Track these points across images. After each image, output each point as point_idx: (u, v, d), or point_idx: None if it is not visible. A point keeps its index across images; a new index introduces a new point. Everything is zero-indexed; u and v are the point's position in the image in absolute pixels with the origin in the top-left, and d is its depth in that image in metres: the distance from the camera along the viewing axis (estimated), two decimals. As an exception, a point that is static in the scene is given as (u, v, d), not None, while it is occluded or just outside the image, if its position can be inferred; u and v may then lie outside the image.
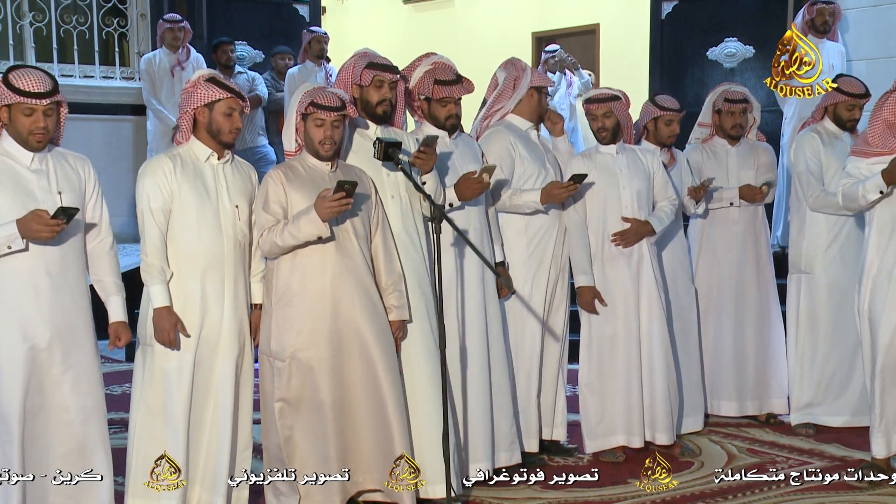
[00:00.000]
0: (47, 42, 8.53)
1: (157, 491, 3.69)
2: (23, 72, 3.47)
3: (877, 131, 4.23)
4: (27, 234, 3.38)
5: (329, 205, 3.61)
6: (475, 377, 4.27)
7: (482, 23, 12.35)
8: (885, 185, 4.14)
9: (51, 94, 3.46)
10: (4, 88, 3.43)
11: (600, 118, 4.71)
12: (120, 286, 3.74)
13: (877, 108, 4.28)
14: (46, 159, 3.55)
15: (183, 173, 3.74)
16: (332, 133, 3.81)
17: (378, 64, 4.08)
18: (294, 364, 3.82)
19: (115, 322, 3.72)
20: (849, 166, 4.36)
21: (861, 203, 4.26)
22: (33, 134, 3.46)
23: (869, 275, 4.27)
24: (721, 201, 5.30)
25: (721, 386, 5.36)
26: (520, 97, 4.60)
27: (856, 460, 4.56)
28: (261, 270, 3.94)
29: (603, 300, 4.66)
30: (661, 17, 8.71)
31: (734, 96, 5.27)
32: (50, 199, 3.50)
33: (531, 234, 4.55)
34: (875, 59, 7.51)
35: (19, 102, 3.42)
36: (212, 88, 3.74)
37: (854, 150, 4.37)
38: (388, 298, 3.95)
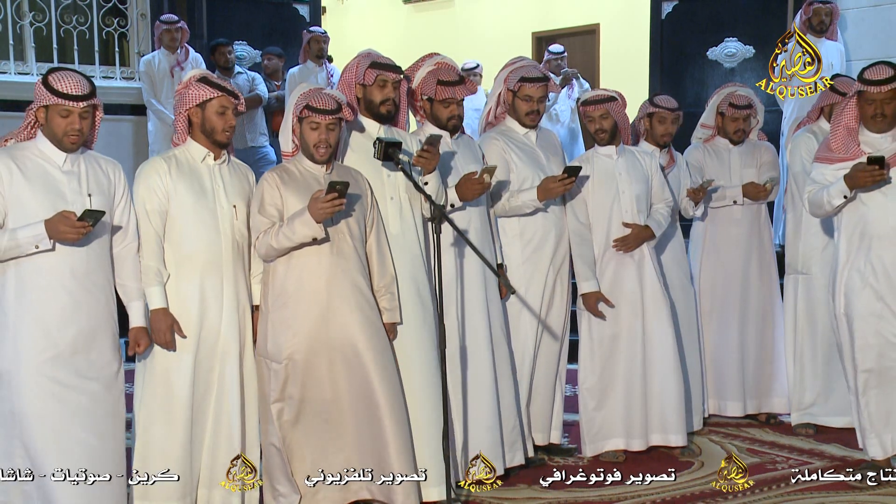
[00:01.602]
0: (47, 42, 8.53)
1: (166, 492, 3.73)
2: (62, 74, 3.50)
3: (839, 137, 4.26)
4: (54, 235, 3.40)
5: (321, 206, 3.61)
6: (480, 378, 4.26)
7: (482, 23, 12.35)
8: (848, 191, 4.18)
9: (88, 97, 3.50)
10: (44, 90, 3.47)
11: (597, 119, 4.71)
12: (142, 291, 3.74)
13: (837, 114, 4.32)
14: (79, 161, 3.58)
15: (179, 174, 3.75)
16: (326, 136, 3.81)
17: (382, 63, 4.08)
18: (290, 365, 3.82)
19: (136, 327, 3.72)
20: (814, 173, 4.40)
21: (827, 209, 4.30)
22: (68, 135, 3.49)
23: (841, 279, 4.30)
24: (724, 200, 5.29)
25: (726, 386, 5.36)
26: (500, 102, 4.60)
27: (856, 460, 4.56)
28: (260, 272, 3.94)
29: (609, 302, 4.65)
30: (661, 17, 8.71)
31: (739, 101, 5.25)
32: (80, 200, 3.52)
33: (528, 237, 4.54)
34: (875, 59, 7.48)
35: (57, 104, 3.46)
36: (203, 88, 3.75)
37: (818, 157, 4.41)
38: (379, 301, 3.95)
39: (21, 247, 3.42)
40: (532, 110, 4.52)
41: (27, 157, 3.51)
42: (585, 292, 4.66)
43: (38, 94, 3.49)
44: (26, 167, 3.49)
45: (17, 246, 3.41)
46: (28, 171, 3.49)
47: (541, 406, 4.67)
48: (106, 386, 3.60)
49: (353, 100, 4.11)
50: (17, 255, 3.44)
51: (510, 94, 4.56)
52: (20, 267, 3.47)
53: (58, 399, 3.49)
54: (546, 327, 4.60)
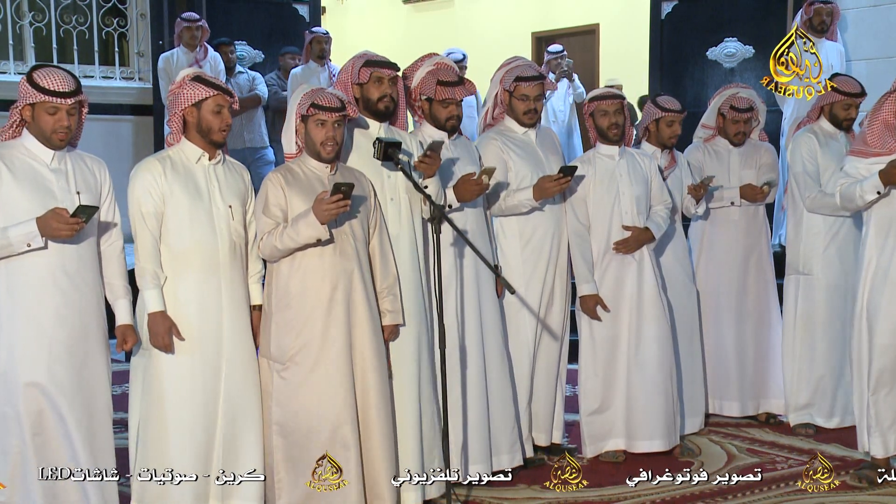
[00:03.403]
0: (47, 42, 8.54)
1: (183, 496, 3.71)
2: (47, 71, 3.49)
3: (875, 132, 4.23)
4: (46, 233, 3.39)
5: (326, 207, 3.61)
6: (471, 379, 4.27)
7: (482, 23, 12.35)
8: (882, 186, 4.14)
9: (74, 94, 3.49)
10: (29, 87, 3.45)
11: (612, 114, 4.68)
12: (128, 289, 3.74)
13: (876, 108, 4.27)
14: (65, 159, 3.58)
15: (174, 175, 3.73)
16: (333, 133, 3.80)
17: (375, 61, 4.08)
18: (293, 367, 3.81)
19: (122, 325, 3.72)
20: (847, 166, 4.35)
21: (858, 203, 4.26)
22: (56, 132, 3.48)
23: (867, 274, 4.26)
24: (722, 201, 5.29)
25: (724, 386, 5.36)
26: (497, 103, 4.60)
27: (856, 460, 4.55)
28: (258, 271, 3.94)
29: (606, 307, 4.65)
30: (661, 17, 8.71)
31: (740, 104, 5.24)
32: (69, 198, 3.52)
33: (527, 237, 4.54)
34: (874, 59, 7.51)
35: (43, 101, 3.45)
36: (198, 87, 3.73)
37: (852, 150, 4.37)
38: (382, 302, 3.95)
39: (13, 246, 3.41)
40: (529, 109, 4.52)
41: (14, 156, 3.50)
42: (584, 295, 4.66)
43: (23, 92, 3.47)
44: (14, 166, 3.48)
45: (9, 245, 3.40)
46: (16, 170, 3.47)
47: (541, 406, 4.67)
48: (98, 385, 3.61)
49: (351, 100, 4.11)
50: (8, 254, 3.43)
51: (506, 94, 4.55)
52: (11, 266, 3.46)
53: (51, 398, 3.49)
54: (546, 327, 4.60)
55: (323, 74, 8.27)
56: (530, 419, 4.62)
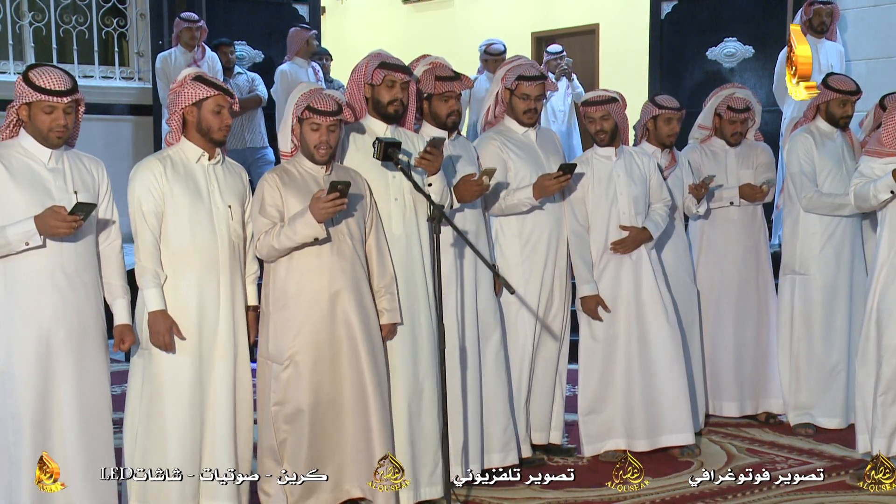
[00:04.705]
0: (47, 42, 8.54)
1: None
2: (42, 70, 3.49)
3: (891, 131, 4.22)
4: (45, 231, 3.39)
5: (323, 206, 3.61)
6: (469, 379, 4.26)
7: (482, 23, 12.33)
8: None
9: (71, 93, 3.49)
10: (25, 86, 3.45)
11: (598, 121, 4.70)
12: (126, 289, 3.74)
13: (891, 108, 4.27)
14: (63, 158, 3.58)
15: (174, 174, 3.73)
16: (327, 138, 3.80)
17: (390, 64, 4.07)
18: (291, 366, 3.81)
19: (120, 325, 3.72)
20: (862, 166, 4.34)
21: (872, 203, 4.25)
22: (54, 131, 3.48)
23: (879, 275, 4.25)
24: (721, 200, 5.29)
25: (723, 386, 5.36)
26: (498, 101, 4.60)
27: (856, 460, 4.55)
28: (253, 272, 3.94)
29: (606, 307, 4.65)
30: (661, 17, 8.71)
31: (737, 105, 5.24)
32: (66, 198, 3.51)
33: (526, 237, 4.54)
34: (874, 59, 7.51)
35: (40, 100, 3.45)
36: (199, 87, 3.73)
37: (868, 150, 4.36)
38: (379, 301, 3.95)
39: (10, 244, 3.41)
40: (529, 108, 4.52)
41: (12, 156, 3.50)
42: (584, 295, 4.66)
43: (20, 92, 3.47)
44: (12, 165, 3.48)
45: (7, 244, 3.40)
46: (14, 170, 3.47)
47: (540, 406, 4.67)
48: (96, 384, 3.60)
49: (361, 99, 4.10)
50: (6, 253, 3.43)
51: (507, 92, 4.55)
52: (9, 266, 3.45)
53: (50, 398, 3.49)
54: (545, 327, 4.60)
55: (308, 70, 8.26)
56: (528, 419, 4.62)
